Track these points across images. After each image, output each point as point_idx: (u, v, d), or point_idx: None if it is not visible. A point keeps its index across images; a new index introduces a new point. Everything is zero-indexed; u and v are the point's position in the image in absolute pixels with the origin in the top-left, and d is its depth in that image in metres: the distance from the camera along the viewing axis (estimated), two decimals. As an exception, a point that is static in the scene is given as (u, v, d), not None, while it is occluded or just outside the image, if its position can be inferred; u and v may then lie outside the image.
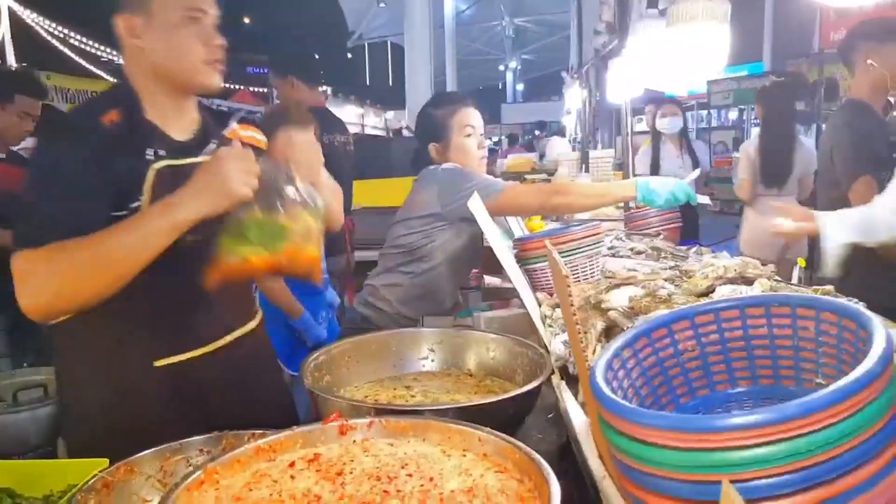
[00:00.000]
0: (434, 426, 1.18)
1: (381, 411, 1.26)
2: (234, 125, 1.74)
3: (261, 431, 1.35)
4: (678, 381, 0.87)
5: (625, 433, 0.70)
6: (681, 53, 2.17)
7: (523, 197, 2.31)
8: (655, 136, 5.54)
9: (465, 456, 1.13)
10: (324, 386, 1.47)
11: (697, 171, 3.09)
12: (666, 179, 2.26)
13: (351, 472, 1.06)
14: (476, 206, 1.63)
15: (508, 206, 2.34)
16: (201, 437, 1.34)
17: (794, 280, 1.93)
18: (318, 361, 1.51)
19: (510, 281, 2.97)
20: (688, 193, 2.25)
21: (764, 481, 0.61)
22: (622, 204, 4.66)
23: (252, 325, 1.74)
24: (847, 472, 0.61)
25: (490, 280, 3.19)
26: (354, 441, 1.16)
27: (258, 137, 1.77)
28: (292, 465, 1.08)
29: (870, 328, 0.69)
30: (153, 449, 1.28)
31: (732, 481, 0.61)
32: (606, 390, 0.74)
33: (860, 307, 0.75)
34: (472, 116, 2.42)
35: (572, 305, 0.80)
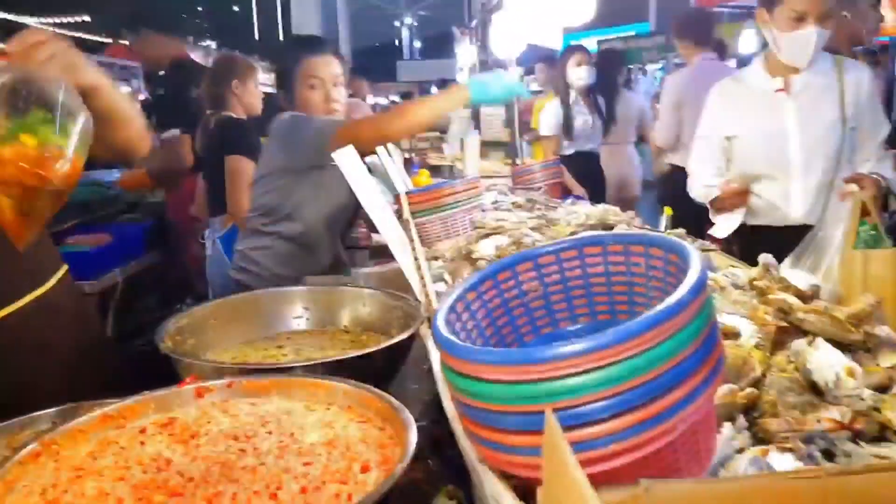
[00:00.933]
0: (297, 382, 1.17)
1: (245, 371, 1.23)
2: None
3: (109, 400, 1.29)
4: (522, 321, 0.89)
5: (459, 371, 0.70)
6: (550, 5, 2.19)
7: (363, 128, 2.19)
8: (564, 90, 5.07)
9: (328, 410, 1.12)
10: (187, 350, 1.42)
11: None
12: (499, 72, 2.27)
13: (206, 434, 1.03)
14: (344, 158, 1.59)
15: (348, 140, 2.27)
16: (54, 409, 1.26)
17: (662, 227, 2.02)
18: (180, 324, 1.45)
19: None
20: (521, 87, 2.26)
21: (584, 408, 0.63)
22: (509, 161, 4.76)
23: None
24: (660, 395, 0.63)
25: (379, 238, 3.16)
26: (213, 403, 1.13)
27: None
28: (143, 430, 1.04)
29: (688, 259, 0.72)
30: (-1, 424, 1.20)
31: (555, 410, 0.63)
32: (444, 331, 0.75)
33: (684, 242, 0.78)
34: (319, 67, 2.26)
35: (414, 250, 0.79)
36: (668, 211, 2.27)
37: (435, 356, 1.15)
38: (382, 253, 3.16)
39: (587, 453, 0.63)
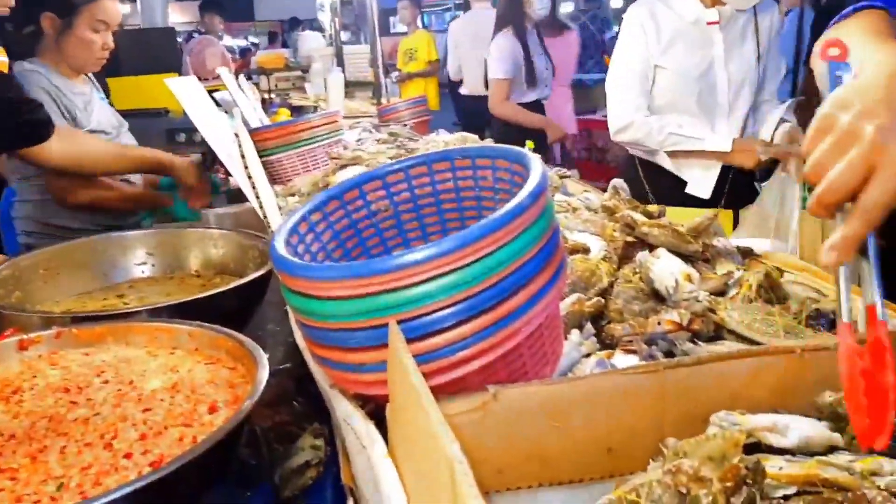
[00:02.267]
0: (137, 328, 1.08)
1: (77, 320, 1.13)
2: None
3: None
4: (373, 241, 0.85)
5: (300, 291, 0.66)
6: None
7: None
8: (521, 24, 3.94)
9: (173, 354, 1.05)
10: (12, 303, 1.28)
11: None
12: None
13: (32, 389, 0.94)
14: (183, 90, 1.47)
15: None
16: None
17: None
18: (2, 276, 1.30)
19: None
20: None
21: (429, 317, 0.61)
22: (374, 100, 4.65)
23: None
24: (505, 298, 0.62)
25: (235, 181, 3.00)
26: (40, 355, 1.02)
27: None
28: (-46, 390, 0.92)
29: (530, 167, 0.71)
30: None
31: (400, 321, 0.61)
32: (284, 252, 0.70)
33: (525, 151, 0.77)
34: (111, 10, 2.07)
35: (250, 177, 0.73)
36: (530, 144, 2.29)
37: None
38: (241, 196, 3.02)
39: (436, 363, 0.62)
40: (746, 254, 1.14)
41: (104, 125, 2.14)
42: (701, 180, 2.31)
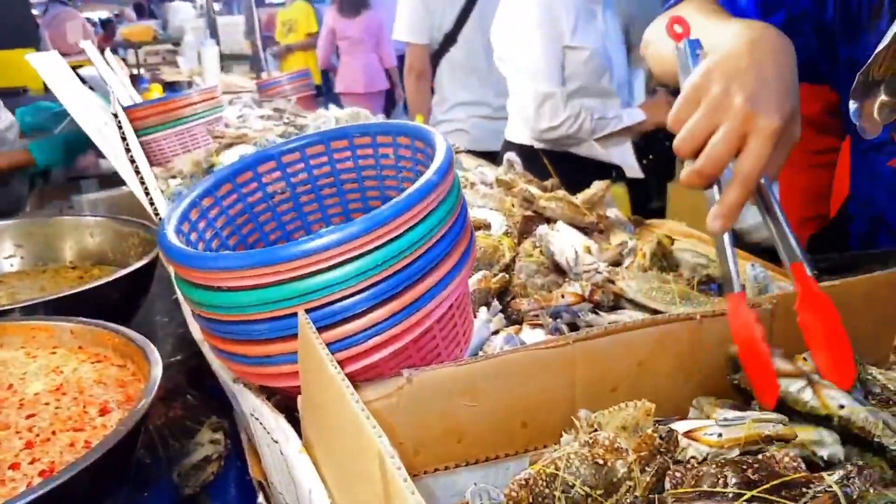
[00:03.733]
0: (10, 328, 0.99)
1: (-60, 322, 1.02)
2: None
3: None
4: (270, 226, 0.82)
5: (198, 284, 0.62)
6: None
7: None
8: None
9: (54, 353, 0.97)
10: None
11: None
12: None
13: None
14: (45, 66, 1.34)
15: None
16: None
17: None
18: None
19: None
20: None
21: (339, 304, 0.59)
22: (253, 74, 4.47)
23: None
24: (415, 282, 0.61)
25: (107, 164, 2.81)
26: None
27: None
28: None
29: (434, 144, 0.70)
30: None
31: (308, 310, 0.58)
32: (176, 241, 0.65)
33: (427, 127, 0.76)
34: None
35: (133, 162, 0.67)
36: (419, 118, 2.28)
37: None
38: (114, 181, 2.83)
39: (348, 351, 0.60)
40: (637, 224, 1.18)
41: None
42: (629, 161, 2.19)
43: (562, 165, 2.16)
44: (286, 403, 0.68)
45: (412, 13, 2.85)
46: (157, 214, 1.23)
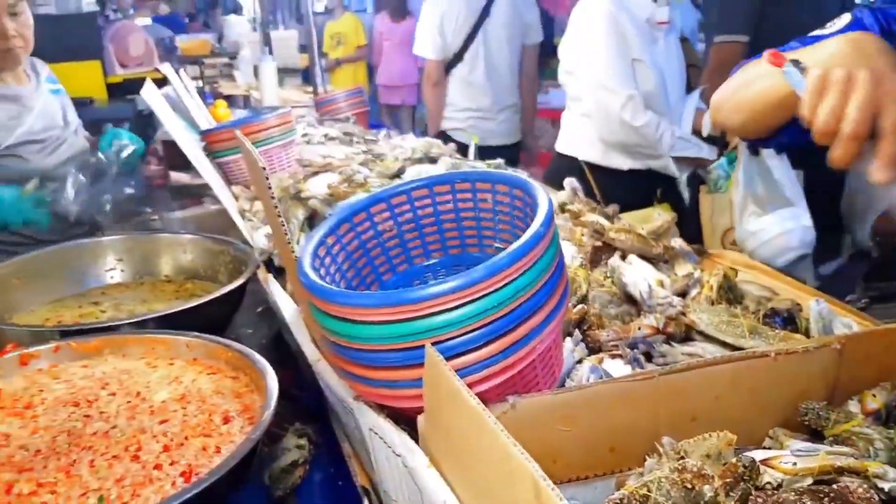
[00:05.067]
0: (133, 339, 1.11)
1: (69, 333, 1.14)
2: None
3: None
4: (380, 260, 0.92)
5: (335, 316, 0.72)
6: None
7: None
8: None
9: (172, 365, 1.08)
10: (-9, 315, 1.27)
11: None
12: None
13: (42, 403, 0.96)
14: (151, 95, 1.47)
15: None
16: None
17: (471, 157, 2.11)
18: (-21, 288, 1.30)
19: (200, 176, 2.81)
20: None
21: (460, 339, 0.69)
22: (310, 88, 4.62)
23: None
24: (523, 321, 0.71)
25: (177, 177, 2.97)
26: (40, 370, 1.04)
27: None
28: (-37, 409, 0.94)
29: (534, 194, 0.79)
30: None
31: (433, 344, 0.68)
32: (314, 277, 0.76)
33: (526, 177, 0.85)
34: None
35: (273, 198, 0.78)
36: (475, 139, 2.37)
37: (283, 301, 1.14)
38: (183, 192, 2.98)
39: (463, 380, 0.69)
40: (700, 253, 1.26)
41: (37, 133, 1.93)
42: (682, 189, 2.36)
43: (604, 180, 2.40)
44: (395, 418, 0.77)
45: (429, 36, 3.52)
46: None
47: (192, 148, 1.63)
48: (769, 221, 1.54)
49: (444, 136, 3.57)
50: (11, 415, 0.93)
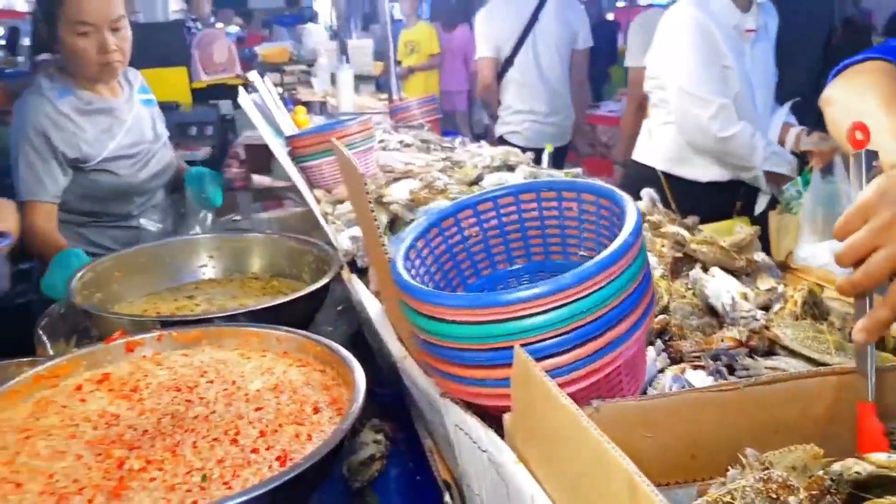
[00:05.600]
0: (228, 331, 1.18)
1: (168, 323, 1.22)
2: None
3: (28, 359, 1.24)
4: (465, 264, 0.96)
5: (428, 315, 0.76)
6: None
7: None
8: None
9: (264, 356, 1.14)
10: (96, 304, 1.37)
11: None
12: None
13: (147, 387, 1.03)
14: (246, 101, 1.56)
15: None
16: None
17: (545, 165, 2.14)
18: (85, 279, 1.40)
19: (281, 180, 2.92)
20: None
21: (548, 342, 0.71)
22: (384, 97, 4.72)
23: None
24: (611, 327, 0.73)
25: (259, 179, 3.09)
26: (144, 356, 1.12)
27: None
28: (79, 388, 1.02)
29: (622, 204, 0.81)
30: None
31: (521, 346, 0.71)
32: (407, 278, 0.80)
33: (612, 187, 0.87)
34: (88, 8, 1.80)
35: (370, 202, 0.83)
36: (549, 147, 2.39)
37: (368, 300, 1.19)
38: (264, 194, 3.11)
39: (550, 381, 0.72)
40: (783, 267, 1.25)
41: (127, 147, 1.99)
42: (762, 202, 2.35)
43: (681, 190, 2.39)
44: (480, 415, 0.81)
45: (484, 41, 3.83)
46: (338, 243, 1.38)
47: (280, 152, 1.71)
48: (822, 248, 1.51)
49: (501, 141, 3.83)
50: (120, 397, 1.01)
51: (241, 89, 1.67)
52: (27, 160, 1.83)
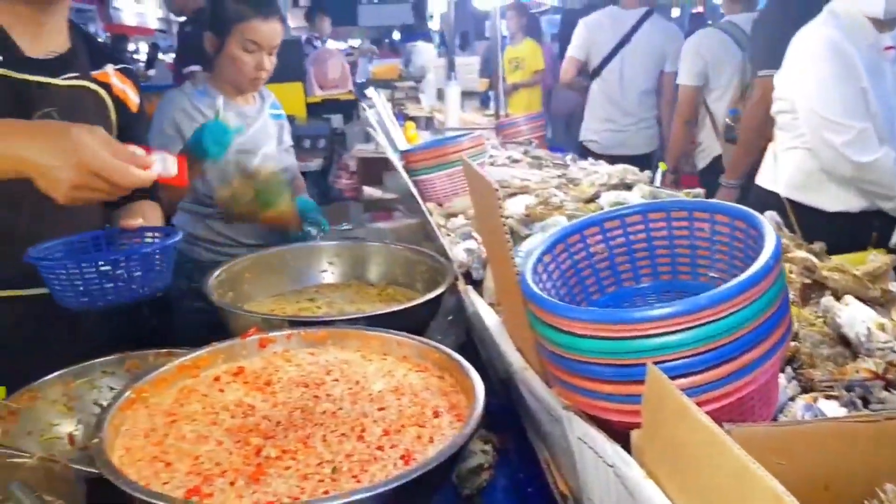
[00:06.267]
0: (352, 334, 1.23)
1: (296, 323, 1.29)
2: (109, 69, 1.57)
3: (166, 350, 1.34)
4: (590, 280, 0.97)
5: (558, 327, 0.78)
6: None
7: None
8: None
9: (385, 359, 1.19)
10: (228, 302, 1.46)
11: None
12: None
13: (279, 382, 1.10)
14: (371, 115, 1.63)
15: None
16: (101, 359, 1.31)
17: (657, 183, 2.11)
18: (221, 278, 1.50)
19: (390, 192, 3.01)
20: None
21: (681, 362, 0.71)
22: (491, 113, 4.79)
23: None
24: (747, 350, 0.72)
25: (370, 191, 3.20)
26: (275, 353, 1.19)
27: (130, 95, 1.60)
28: (217, 379, 1.10)
29: (760, 228, 0.80)
30: (54, 374, 1.25)
31: (654, 363, 0.71)
32: (537, 290, 0.82)
33: (748, 209, 0.86)
34: (262, 31, 2.08)
35: (503, 217, 0.85)
36: (662, 166, 2.35)
37: (485, 311, 1.22)
38: (375, 205, 3.21)
39: (681, 400, 0.72)
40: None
41: (249, 145, 2.17)
42: None
43: (807, 218, 2.28)
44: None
45: (578, 43, 4.33)
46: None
47: (399, 165, 1.77)
48: None
49: (582, 146, 4.24)
50: (254, 389, 1.08)
51: (365, 105, 1.75)
52: (157, 143, 2.00)
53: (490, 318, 1.18)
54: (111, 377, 1.30)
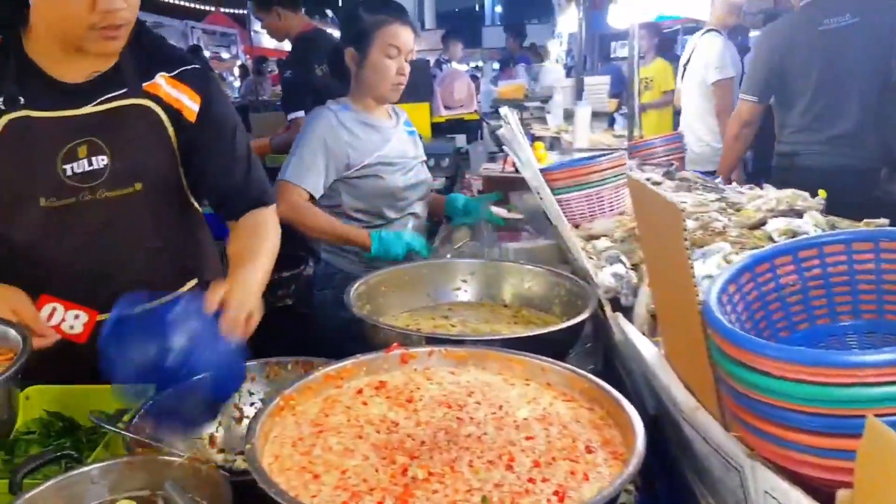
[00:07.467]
0: (493, 355, 1.18)
1: (434, 340, 1.25)
2: (159, 78, 1.46)
3: (304, 359, 1.34)
4: (778, 315, 0.86)
5: (751, 366, 0.69)
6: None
7: (291, 202, 2.05)
8: None
9: (528, 385, 1.12)
10: (365, 314, 1.45)
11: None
12: (401, 232, 2.09)
13: (420, 399, 1.06)
14: (507, 135, 1.58)
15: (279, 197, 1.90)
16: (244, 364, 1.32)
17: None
18: (360, 291, 1.49)
19: (516, 211, 2.95)
20: (421, 245, 2.05)
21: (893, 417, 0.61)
22: (625, 132, 4.65)
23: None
24: None
25: (497, 211, 3.14)
26: (416, 369, 1.15)
27: (185, 102, 1.48)
28: (360, 391, 1.07)
29: None
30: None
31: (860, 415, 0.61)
32: (724, 321, 0.73)
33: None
34: (402, 36, 2.15)
35: (686, 240, 0.77)
36: (822, 194, 2.15)
37: (640, 342, 1.13)
38: (503, 226, 3.15)
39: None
40: None
41: (391, 157, 2.22)
42: None
43: None
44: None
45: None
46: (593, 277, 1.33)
47: (541, 185, 1.72)
48: None
49: None
50: (397, 405, 1.04)
51: (503, 125, 1.71)
52: (300, 154, 2.14)
53: (647, 349, 1.09)
54: (251, 382, 1.32)
